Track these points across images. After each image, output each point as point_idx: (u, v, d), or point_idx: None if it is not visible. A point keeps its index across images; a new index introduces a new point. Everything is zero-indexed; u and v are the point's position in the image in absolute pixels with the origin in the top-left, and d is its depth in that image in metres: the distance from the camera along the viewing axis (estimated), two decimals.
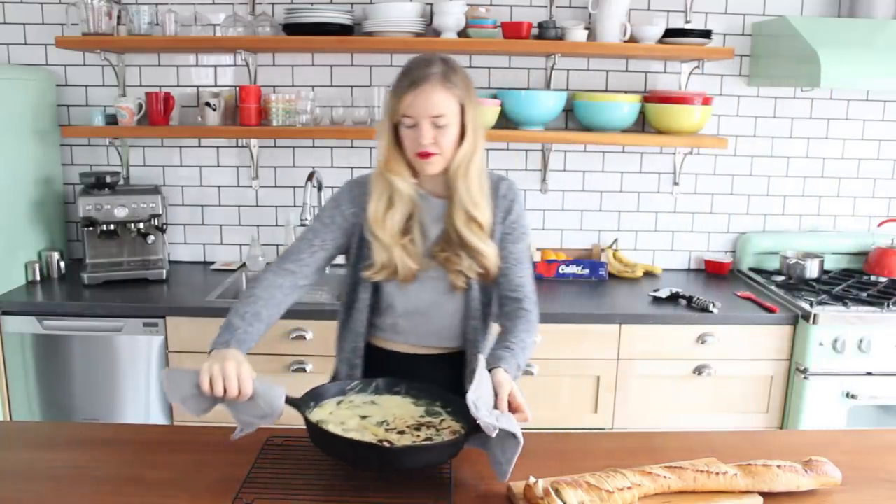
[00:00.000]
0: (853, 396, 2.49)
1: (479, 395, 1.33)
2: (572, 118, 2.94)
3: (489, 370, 1.43)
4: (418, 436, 1.34)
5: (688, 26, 2.84)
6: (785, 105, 2.98)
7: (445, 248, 1.59)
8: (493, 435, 1.29)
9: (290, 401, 1.34)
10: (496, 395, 1.39)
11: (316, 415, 1.38)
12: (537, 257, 2.96)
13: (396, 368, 1.66)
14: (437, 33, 2.73)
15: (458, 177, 1.55)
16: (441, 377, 1.67)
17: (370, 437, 1.31)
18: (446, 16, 2.68)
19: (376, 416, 1.40)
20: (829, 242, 3.03)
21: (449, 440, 1.29)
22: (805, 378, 2.48)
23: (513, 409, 1.39)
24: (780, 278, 2.88)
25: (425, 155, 1.50)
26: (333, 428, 1.31)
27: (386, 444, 1.29)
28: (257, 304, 1.50)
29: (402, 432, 1.35)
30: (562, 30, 2.71)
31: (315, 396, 1.41)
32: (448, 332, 1.67)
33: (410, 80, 1.49)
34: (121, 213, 2.71)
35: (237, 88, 2.84)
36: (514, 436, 1.31)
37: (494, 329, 1.69)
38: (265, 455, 1.39)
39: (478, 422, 1.29)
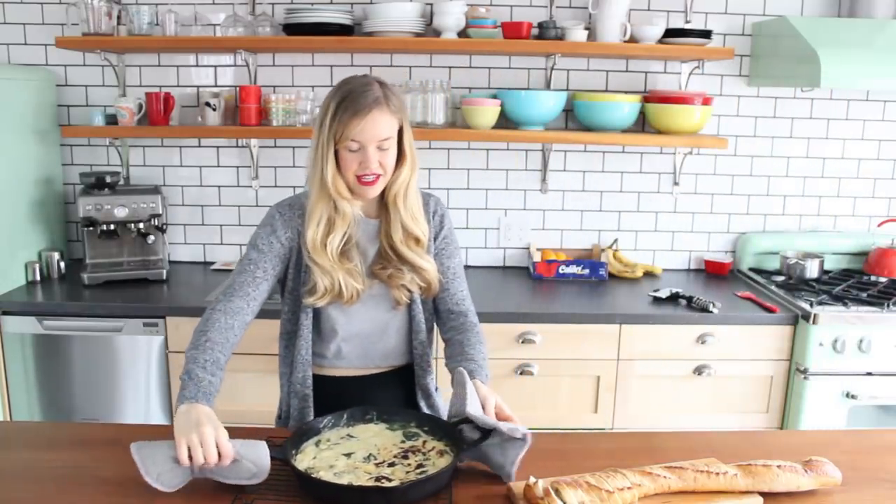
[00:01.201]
0: (853, 396, 2.49)
1: (476, 409, 1.35)
2: (572, 118, 2.94)
3: None
4: (409, 464, 1.33)
5: (688, 26, 2.84)
6: (785, 105, 2.98)
7: (386, 265, 1.59)
8: (520, 435, 1.30)
9: (273, 454, 1.30)
10: (483, 409, 1.41)
11: (301, 462, 1.33)
12: (537, 257, 2.96)
13: (344, 393, 1.65)
14: (437, 33, 2.73)
15: (397, 199, 1.57)
16: (391, 395, 1.68)
17: (364, 477, 1.29)
18: (446, 16, 2.68)
19: (360, 452, 1.38)
20: (829, 242, 3.03)
21: (446, 466, 1.29)
22: (805, 378, 2.48)
23: (502, 419, 1.40)
24: (780, 278, 2.88)
25: (369, 182, 1.51)
26: (325, 474, 1.29)
27: (384, 481, 1.27)
28: (214, 350, 1.44)
29: (392, 464, 1.33)
30: (562, 30, 2.71)
31: (293, 443, 1.37)
32: (394, 350, 1.67)
33: (356, 106, 1.47)
34: (121, 213, 2.71)
35: (237, 88, 2.84)
36: (517, 438, 1.31)
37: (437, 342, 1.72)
38: None
39: (497, 428, 1.31)
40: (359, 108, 1.47)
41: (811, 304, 2.51)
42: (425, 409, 1.70)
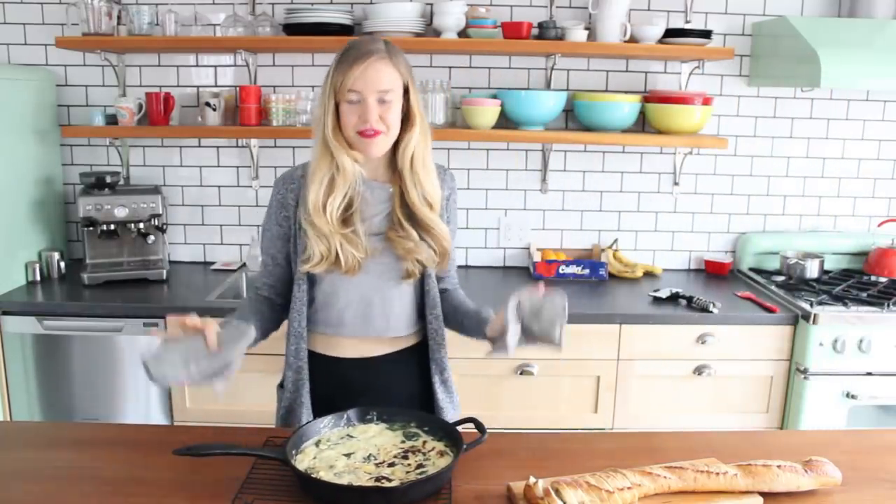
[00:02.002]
0: (853, 396, 2.49)
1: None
2: (572, 118, 2.94)
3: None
4: (409, 465, 1.33)
5: (688, 26, 2.84)
6: (785, 105, 2.98)
7: (402, 234, 1.56)
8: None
9: (273, 454, 1.30)
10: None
11: (301, 463, 1.33)
12: (537, 257, 2.96)
13: (347, 375, 1.63)
14: (437, 33, 2.73)
15: (415, 164, 1.54)
16: (400, 379, 1.65)
17: (364, 477, 1.28)
18: (446, 16, 2.68)
19: (360, 452, 1.37)
20: (829, 242, 3.03)
21: (446, 467, 1.29)
22: (805, 378, 2.48)
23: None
24: (780, 278, 2.88)
25: (371, 134, 1.48)
26: (325, 475, 1.29)
27: (384, 481, 1.27)
28: (242, 311, 1.58)
29: (392, 464, 1.33)
30: (562, 30, 2.71)
31: (294, 443, 1.37)
32: (398, 320, 1.62)
33: (356, 54, 1.46)
34: (121, 213, 2.71)
35: (237, 88, 2.84)
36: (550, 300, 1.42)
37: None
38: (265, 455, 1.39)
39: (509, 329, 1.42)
40: (358, 55, 1.46)
41: (811, 304, 2.51)
42: (439, 386, 1.66)
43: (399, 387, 1.65)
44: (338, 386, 1.62)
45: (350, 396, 1.54)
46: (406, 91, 1.52)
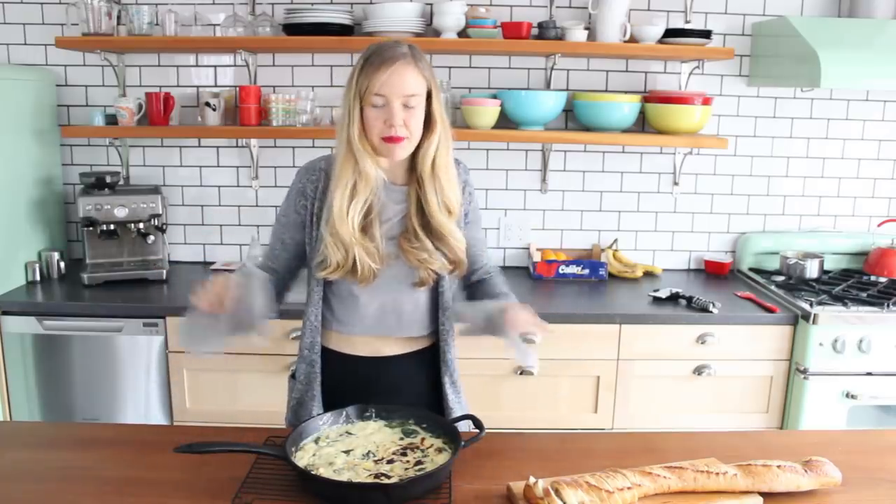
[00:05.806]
0: (853, 396, 2.49)
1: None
2: (572, 118, 2.94)
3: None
4: (408, 461, 1.34)
5: (688, 26, 2.84)
6: (785, 105, 2.98)
7: (415, 242, 1.56)
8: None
9: (273, 454, 1.31)
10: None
11: (301, 460, 1.33)
12: (537, 257, 2.96)
13: (359, 373, 1.64)
14: (437, 33, 2.73)
15: (437, 170, 1.54)
16: (411, 379, 1.66)
17: (364, 474, 1.29)
18: (446, 16, 2.68)
19: (359, 449, 1.38)
20: (829, 242, 3.03)
21: (445, 463, 1.29)
22: (805, 378, 2.48)
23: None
24: (780, 278, 2.88)
25: (395, 140, 1.48)
26: (325, 472, 1.29)
27: (383, 478, 1.27)
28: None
29: (391, 461, 1.33)
30: (562, 30, 2.71)
31: (293, 440, 1.37)
32: (413, 324, 1.64)
33: (382, 59, 1.46)
34: (121, 213, 2.71)
35: (237, 88, 2.84)
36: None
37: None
38: (265, 455, 1.39)
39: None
40: (384, 59, 1.46)
41: (811, 304, 2.51)
42: (449, 387, 1.67)
43: (409, 386, 1.65)
44: (349, 383, 1.63)
45: (361, 394, 1.55)
46: (429, 95, 1.52)
